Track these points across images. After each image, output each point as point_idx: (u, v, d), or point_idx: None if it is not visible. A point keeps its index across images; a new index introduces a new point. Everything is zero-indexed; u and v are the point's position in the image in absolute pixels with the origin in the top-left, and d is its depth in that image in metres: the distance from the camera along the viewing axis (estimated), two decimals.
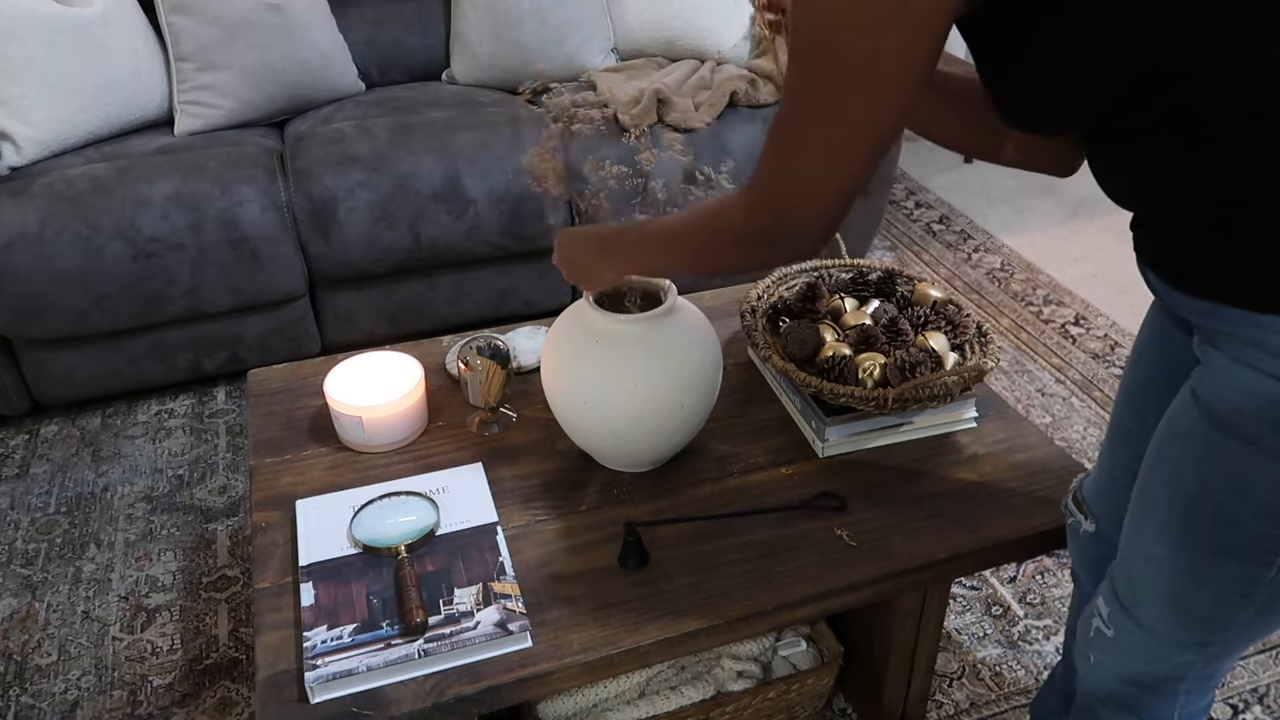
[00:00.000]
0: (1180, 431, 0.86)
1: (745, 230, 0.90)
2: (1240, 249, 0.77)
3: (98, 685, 1.61)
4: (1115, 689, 1.02)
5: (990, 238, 2.96)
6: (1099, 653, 1.01)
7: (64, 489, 2.03)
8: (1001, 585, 1.79)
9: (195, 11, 2.18)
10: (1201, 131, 0.75)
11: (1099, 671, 1.02)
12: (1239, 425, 0.80)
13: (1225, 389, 0.81)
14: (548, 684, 1.04)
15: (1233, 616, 0.88)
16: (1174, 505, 0.87)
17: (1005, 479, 1.27)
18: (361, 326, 2.30)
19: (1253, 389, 0.78)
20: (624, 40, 2.57)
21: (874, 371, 1.29)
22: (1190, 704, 1.01)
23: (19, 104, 2.05)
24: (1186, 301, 0.84)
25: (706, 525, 1.20)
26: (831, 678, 1.44)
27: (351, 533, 1.17)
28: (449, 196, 2.16)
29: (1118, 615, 0.97)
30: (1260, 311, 0.77)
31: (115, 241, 1.99)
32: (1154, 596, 0.92)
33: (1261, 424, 0.78)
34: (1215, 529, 0.84)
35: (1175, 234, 0.83)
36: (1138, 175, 0.83)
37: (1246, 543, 0.83)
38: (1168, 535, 0.88)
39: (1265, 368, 0.77)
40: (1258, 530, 0.82)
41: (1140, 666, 0.98)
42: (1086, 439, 2.13)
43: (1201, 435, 0.83)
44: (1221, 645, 0.93)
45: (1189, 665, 0.95)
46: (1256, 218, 0.75)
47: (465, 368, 1.34)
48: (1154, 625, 0.93)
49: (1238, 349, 0.79)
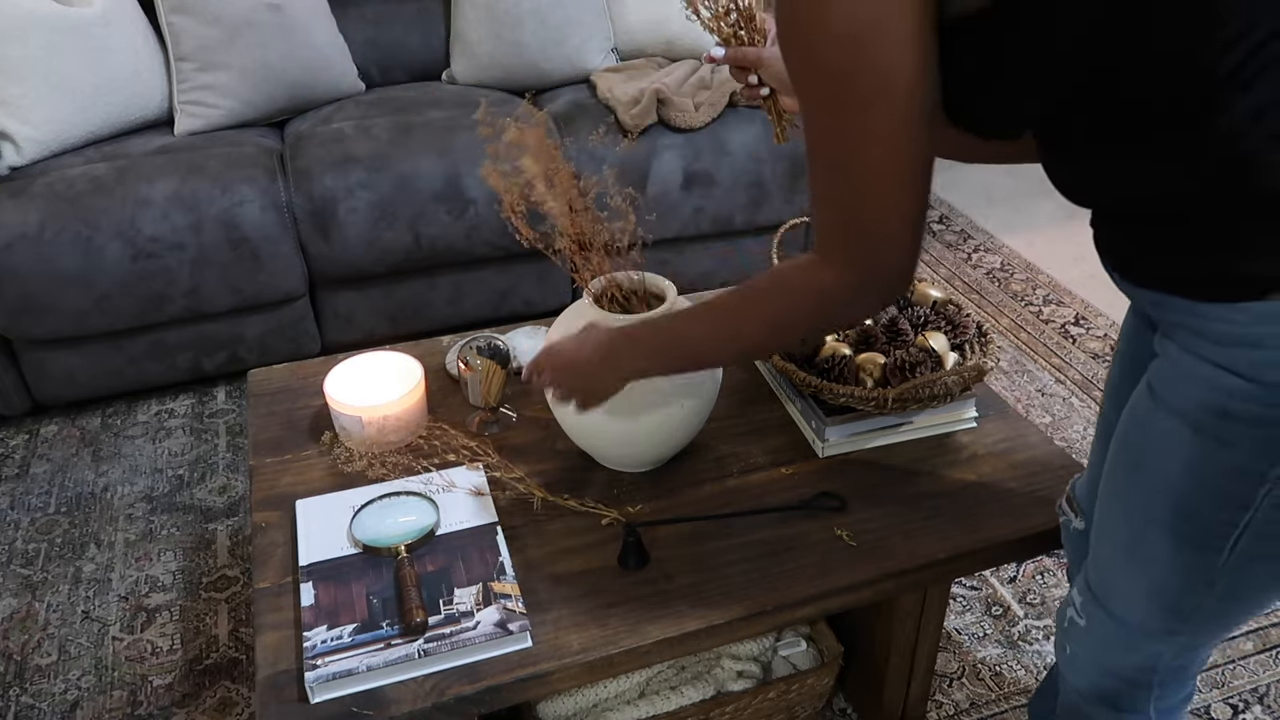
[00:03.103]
0: (1138, 421, 0.89)
1: (838, 287, 0.88)
2: (1179, 244, 0.80)
3: (98, 685, 1.61)
4: (1092, 681, 1.03)
5: (990, 238, 2.96)
6: (1074, 644, 1.03)
7: (64, 489, 2.03)
8: (1001, 585, 1.79)
9: (195, 11, 2.18)
10: (1134, 132, 0.78)
11: (1076, 663, 1.04)
12: (1187, 413, 0.83)
13: (1175, 378, 0.84)
14: (548, 684, 1.04)
15: (1198, 604, 0.90)
16: (1136, 493, 0.90)
17: (1005, 479, 1.27)
18: (361, 326, 2.30)
19: (1197, 375, 0.82)
20: (624, 40, 2.57)
21: (874, 371, 1.29)
22: (1166, 696, 1.02)
23: (19, 104, 2.05)
24: (1139, 293, 0.87)
25: (706, 525, 1.20)
26: (831, 678, 1.44)
27: (351, 533, 1.17)
28: (449, 196, 2.16)
29: (1090, 605, 0.99)
30: (1199, 300, 0.80)
31: (115, 241, 1.99)
32: (1123, 586, 0.95)
33: (1206, 411, 0.81)
34: (1174, 516, 0.87)
35: (1121, 228, 0.85)
36: (1080, 172, 0.85)
37: (1202, 529, 0.86)
38: (1131, 524, 0.91)
39: (1207, 354, 0.81)
40: (1210, 516, 0.84)
41: (1114, 657, 0.99)
42: (1086, 439, 2.13)
43: (1156, 424, 0.86)
44: (1189, 634, 0.94)
45: (1159, 655, 0.97)
46: (1191, 214, 0.78)
47: (465, 368, 1.34)
48: (1124, 615, 0.95)
49: (1185, 338, 0.83)
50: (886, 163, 0.80)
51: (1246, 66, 0.71)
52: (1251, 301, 0.76)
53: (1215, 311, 0.79)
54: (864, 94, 0.77)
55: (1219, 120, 0.73)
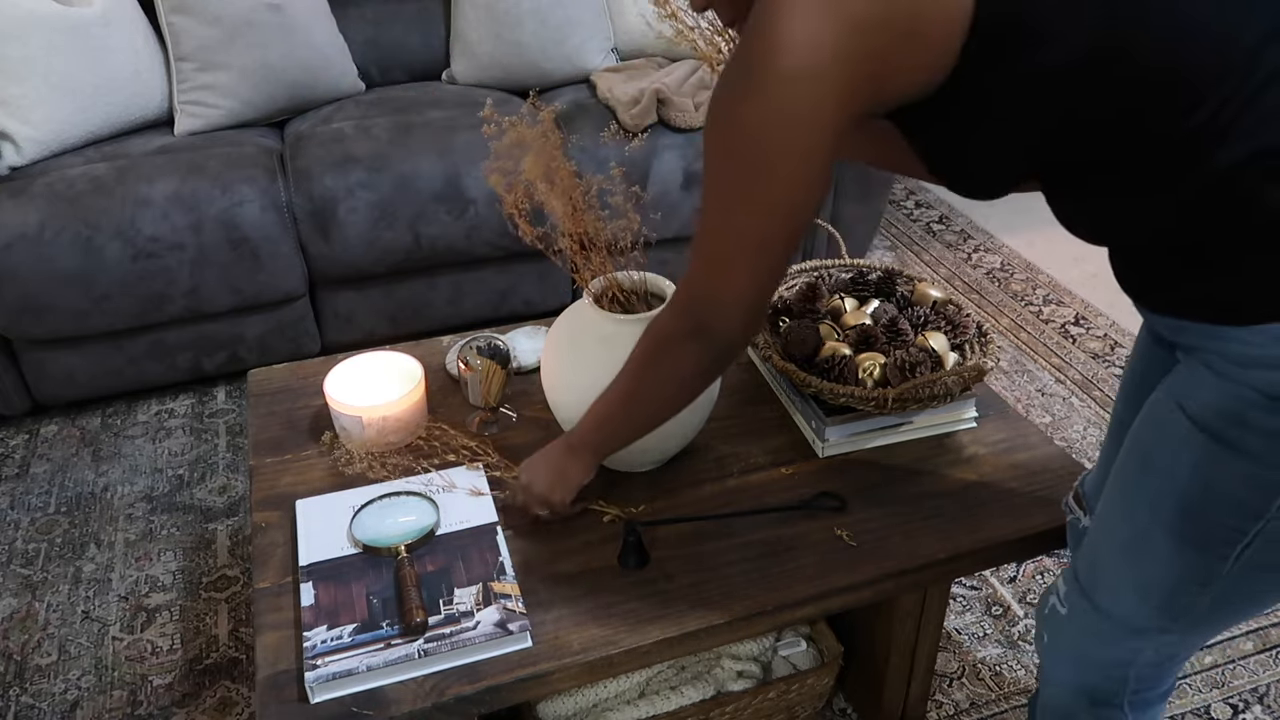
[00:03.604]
0: (1155, 422, 0.91)
1: (676, 331, 0.96)
2: (1187, 274, 0.83)
3: (98, 685, 1.61)
4: (1068, 671, 1.04)
5: (990, 238, 2.96)
6: (1051, 631, 1.05)
7: (64, 489, 2.03)
8: (1001, 585, 1.79)
9: (195, 11, 2.18)
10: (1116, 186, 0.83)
11: (1052, 652, 1.05)
12: (1204, 418, 0.84)
13: (1197, 390, 0.86)
14: (548, 684, 1.04)
15: (1190, 606, 0.92)
16: (1144, 492, 0.91)
17: (1005, 479, 1.27)
18: (361, 326, 2.30)
19: (1216, 386, 0.83)
20: (624, 40, 2.57)
21: (874, 371, 1.29)
22: (1142, 691, 1.03)
23: (19, 104, 2.05)
24: (1157, 320, 0.90)
25: (706, 525, 1.20)
26: (831, 678, 1.44)
27: (351, 533, 1.17)
28: (449, 196, 2.16)
29: (1073, 595, 1.00)
30: (1215, 323, 0.82)
31: (115, 241, 1.99)
32: (1113, 580, 0.96)
33: (1223, 417, 0.83)
34: (1181, 518, 0.88)
35: (1135, 262, 0.88)
36: (1079, 212, 0.89)
37: (1209, 533, 0.87)
38: (1135, 521, 0.92)
39: (1226, 372, 0.83)
40: (1219, 522, 0.86)
41: (1091, 649, 1.01)
42: (1086, 439, 2.13)
43: (1171, 426, 0.88)
44: (1176, 634, 0.95)
45: (1138, 651, 0.98)
46: (1194, 248, 0.81)
47: (465, 368, 1.34)
48: (1110, 608, 0.96)
49: (1206, 357, 0.85)
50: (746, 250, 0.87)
51: (1214, 123, 0.75)
52: (1268, 324, 0.78)
53: (1233, 333, 0.81)
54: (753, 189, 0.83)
55: (1200, 171, 0.77)
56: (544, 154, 1.15)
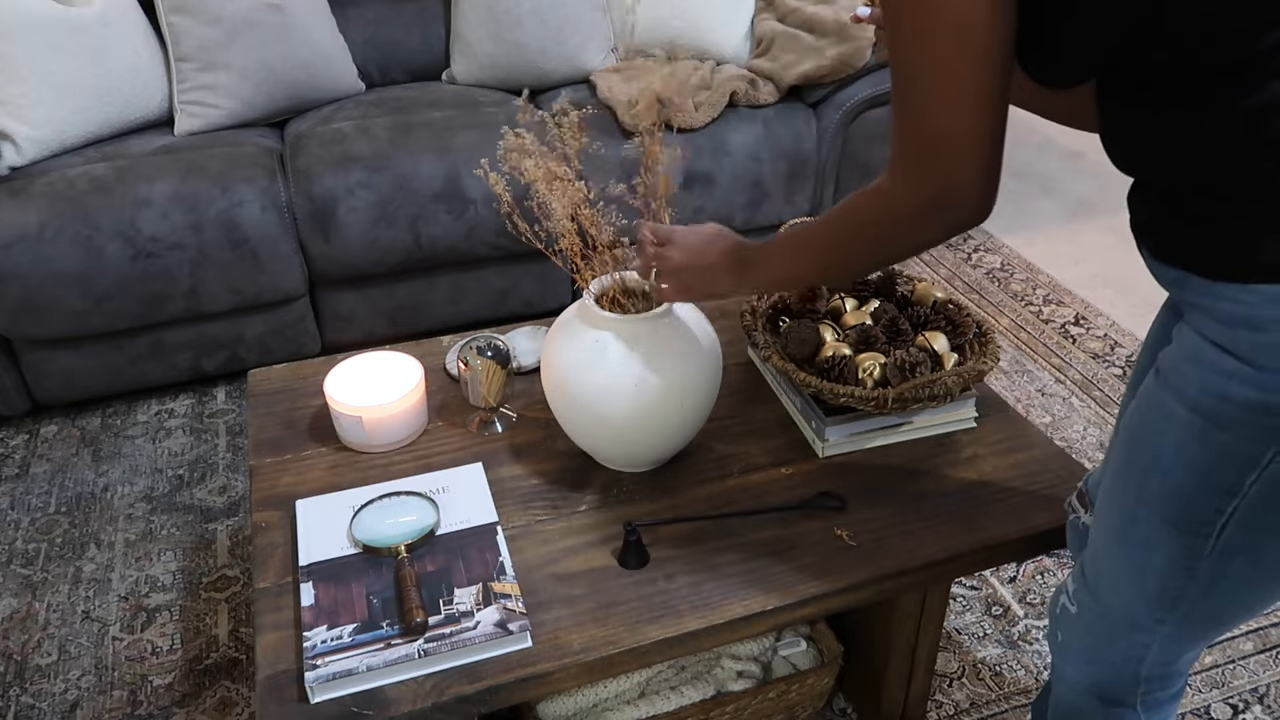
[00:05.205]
0: (1144, 404, 0.90)
1: (910, 208, 0.87)
2: (1206, 218, 0.81)
3: (98, 685, 1.61)
4: (1081, 670, 1.04)
5: (990, 238, 2.96)
6: (1064, 630, 1.04)
7: (64, 489, 2.03)
8: (1001, 585, 1.79)
9: (195, 11, 2.18)
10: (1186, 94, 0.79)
11: (1065, 651, 1.05)
12: (1187, 394, 0.84)
13: (1180, 360, 0.85)
14: (548, 684, 1.04)
15: (1181, 592, 0.91)
16: (1130, 473, 0.91)
17: (1005, 479, 1.27)
18: (361, 326, 2.30)
19: (1200, 358, 0.83)
20: (624, 40, 2.57)
21: (874, 371, 1.29)
22: (1154, 692, 1.02)
23: (19, 104, 2.05)
24: (1163, 271, 0.87)
25: (706, 525, 1.20)
26: (831, 678, 1.44)
27: (351, 533, 1.17)
28: (449, 196, 2.16)
29: (1081, 591, 1.00)
30: (1214, 279, 0.81)
31: (115, 241, 1.99)
32: (1111, 569, 0.96)
33: (1205, 393, 0.82)
34: (1164, 498, 0.88)
35: (1157, 199, 0.86)
36: (1129, 133, 0.86)
37: (1190, 513, 0.86)
38: (1124, 504, 0.92)
39: (1211, 335, 0.82)
40: (1197, 499, 0.85)
41: (1100, 646, 1.00)
42: (1086, 439, 2.13)
43: (1157, 404, 0.87)
44: (1174, 625, 0.95)
45: (1145, 647, 0.97)
46: (1227, 188, 0.79)
47: (465, 368, 1.34)
48: (1110, 600, 0.96)
49: (1196, 318, 0.84)
50: (960, 61, 0.79)
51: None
52: (1264, 284, 0.78)
53: (1228, 291, 0.80)
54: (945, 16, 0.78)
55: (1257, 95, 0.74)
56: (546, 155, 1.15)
